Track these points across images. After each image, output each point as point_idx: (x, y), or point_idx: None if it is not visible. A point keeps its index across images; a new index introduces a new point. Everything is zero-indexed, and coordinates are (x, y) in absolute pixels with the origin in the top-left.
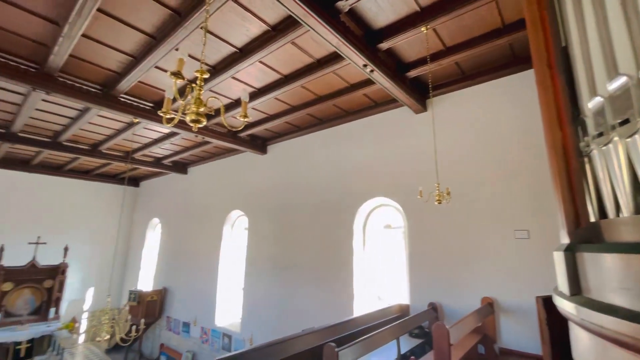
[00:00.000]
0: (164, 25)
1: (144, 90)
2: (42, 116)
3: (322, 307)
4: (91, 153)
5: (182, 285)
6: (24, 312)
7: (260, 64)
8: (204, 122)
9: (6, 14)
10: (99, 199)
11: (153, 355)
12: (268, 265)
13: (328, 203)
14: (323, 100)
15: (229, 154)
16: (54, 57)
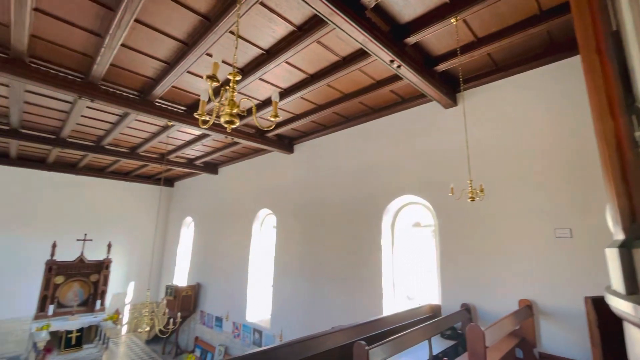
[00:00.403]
0: (194, 31)
1: (177, 95)
2: (86, 122)
3: (350, 306)
4: (130, 155)
5: (214, 281)
6: (74, 304)
7: (287, 65)
8: (237, 122)
9: (56, 29)
10: (137, 198)
11: (188, 347)
12: (296, 263)
13: (355, 201)
14: (349, 98)
15: (257, 154)
16: (97, 66)
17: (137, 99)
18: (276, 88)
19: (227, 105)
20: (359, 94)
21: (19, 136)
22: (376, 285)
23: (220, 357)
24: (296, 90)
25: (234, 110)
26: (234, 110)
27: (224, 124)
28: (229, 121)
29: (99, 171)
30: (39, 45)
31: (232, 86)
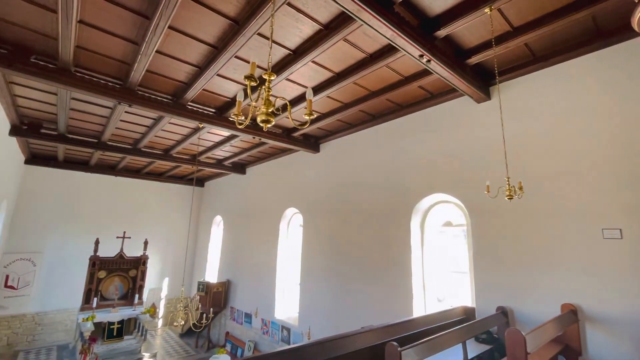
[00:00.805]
0: (224, 35)
1: (207, 97)
2: (124, 126)
3: (379, 306)
4: (164, 157)
5: (243, 278)
6: (115, 297)
7: (313, 64)
8: (273, 121)
9: (97, 39)
10: (171, 198)
11: (220, 342)
12: (323, 262)
13: (383, 200)
14: (376, 96)
15: (283, 153)
16: (134, 73)
17: (171, 103)
18: (302, 88)
19: (263, 104)
20: (386, 90)
21: (65, 140)
22: (405, 285)
23: (249, 352)
24: (322, 89)
25: (269, 109)
26: (269, 110)
27: (260, 124)
28: (265, 120)
29: (135, 172)
30: (83, 55)
31: (267, 86)
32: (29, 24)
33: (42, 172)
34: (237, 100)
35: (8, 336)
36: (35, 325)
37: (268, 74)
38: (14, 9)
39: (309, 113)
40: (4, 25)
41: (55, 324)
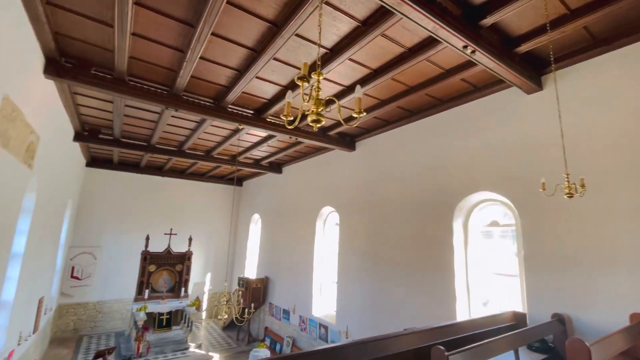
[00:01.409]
0: (262, 38)
1: (246, 100)
2: (171, 129)
3: (419, 307)
4: (206, 158)
5: (281, 275)
6: (164, 290)
7: (350, 61)
8: (323, 121)
9: (148, 49)
10: (212, 197)
11: (259, 336)
12: (360, 261)
13: (423, 199)
14: (415, 91)
15: (319, 152)
16: (180, 79)
17: (213, 106)
18: (339, 86)
19: (313, 104)
20: (425, 85)
21: (119, 144)
22: (448, 287)
23: (288, 348)
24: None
25: (319, 109)
26: (319, 109)
27: (310, 124)
28: (315, 120)
29: (180, 173)
30: (135, 65)
31: (316, 86)
32: (89, 39)
33: (100, 173)
34: (287, 101)
35: (74, 322)
36: (96, 312)
37: (317, 73)
38: (78, 26)
39: (359, 111)
40: (70, 41)
41: (113, 313)
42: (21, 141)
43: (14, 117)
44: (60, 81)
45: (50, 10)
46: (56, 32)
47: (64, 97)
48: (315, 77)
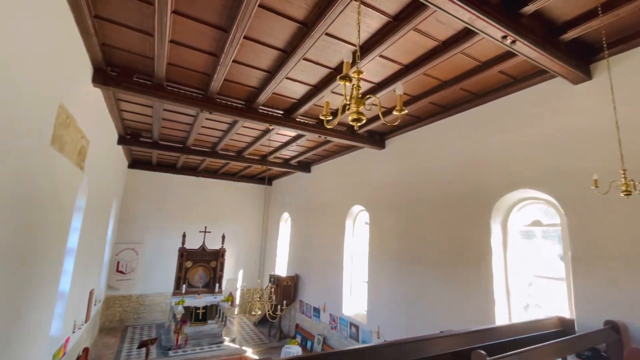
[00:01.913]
0: (292, 39)
1: (276, 100)
2: (204, 131)
3: (455, 310)
4: (237, 158)
5: (311, 273)
6: (199, 285)
7: (380, 58)
8: (364, 120)
9: (184, 55)
10: (243, 196)
11: (290, 333)
12: (391, 261)
13: (457, 198)
14: (448, 86)
15: (348, 151)
16: (214, 82)
17: (244, 108)
18: (369, 83)
19: (354, 103)
20: (460, 79)
21: (158, 147)
22: (486, 290)
23: (319, 345)
24: (390, 84)
25: (360, 107)
26: (360, 108)
27: (351, 122)
28: (356, 119)
29: (213, 173)
30: (173, 71)
31: (356, 85)
32: (132, 48)
33: (141, 174)
34: (326, 102)
35: (120, 313)
36: (139, 305)
37: (357, 71)
38: (122, 37)
39: (400, 108)
40: (115, 51)
41: (154, 305)
42: (74, 146)
43: (68, 123)
44: (107, 89)
45: (98, 23)
46: (103, 44)
47: (110, 103)
48: (355, 76)
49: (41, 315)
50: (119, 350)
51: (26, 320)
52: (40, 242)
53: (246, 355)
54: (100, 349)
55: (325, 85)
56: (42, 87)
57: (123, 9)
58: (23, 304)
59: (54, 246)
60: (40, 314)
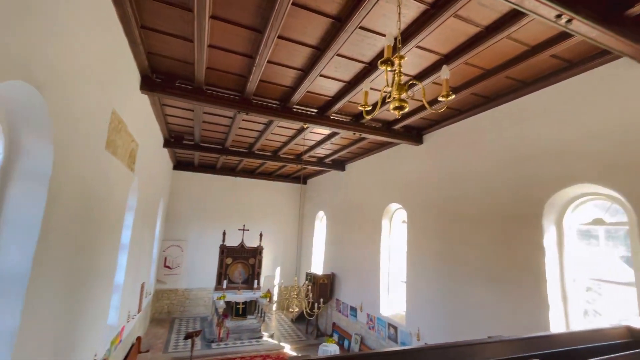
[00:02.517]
0: (326, 35)
1: (310, 99)
2: (242, 132)
3: (503, 314)
4: (273, 158)
5: (347, 272)
6: (239, 281)
7: (417, 49)
8: (407, 107)
9: (222, 58)
10: (279, 195)
11: (327, 331)
12: (431, 261)
13: (504, 194)
14: (492, 74)
15: (383, 147)
16: (249, 84)
17: (279, 107)
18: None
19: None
20: (505, 67)
21: (199, 148)
22: (539, 294)
23: (357, 345)
24: (427, 76)
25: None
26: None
27: (392, 111)
28: (398, 107)
29: (250, 173)
30: (211, 74)
31: (398, 70)
32: (174, 55)
33: (184, 175)
34: (364, 91)
35: (168, 305)
36: (184, 299)
37: (398, 56)
38: (165, 44)
39: (446, 94)
40: (160, 59)
41: (197, 299)
42: (125, 149)
43: (119, 128)
44: (152, 95)
45: (144, 33)
46: (149, 52)
47: (155, 108)
48: (397, 61)
49: (100, 304)
50: (168, 340)
51: (88, 309)
52: (98, 237)
53: (284, 351)
54: (151, 339)
55: (360, 81)
56: (97, 95)
57: (165, 18)
58: (85, 294)
59: (109, 241)
60: (99, 304)
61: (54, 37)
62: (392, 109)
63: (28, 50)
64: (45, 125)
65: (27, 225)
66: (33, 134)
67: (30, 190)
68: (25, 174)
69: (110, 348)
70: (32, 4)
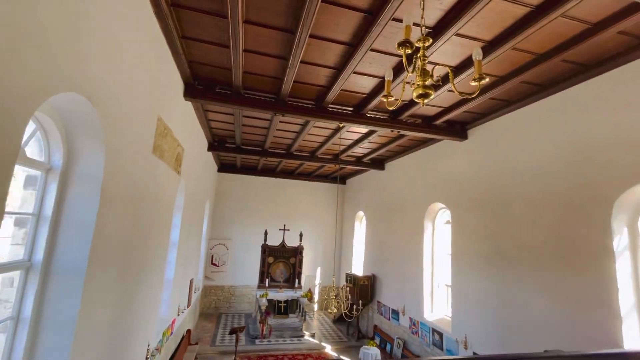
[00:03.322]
0: (358, 30)
1: (345, 97)
2: (279, 134)
3: (563, 325)
4: (310, 158)
5: (388, 274)
6: (280, 280)
7: (457, 37)
8: (432, 95)
9: (257, 62)
10: (318, 195)
11: (368, 333)
12: (479, 264)
13: (561, 193)
14: (546, 59)
15: (424, 145)
16: (284, 85)
17: (314, 108)
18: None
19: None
20: (561, 49)
21: (240, 151)
22: (609, 304)
23: (399, 350)
24: (469, 66)
25: (427, 81)
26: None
27: (416, 100)
28: (422, 95)
29: (289, 174)
30: (248, 79)
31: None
32: (213, 62)
33: (228, 177)
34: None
35: (215, 301)
36: (230, 295)
37: (422, 39)
38: (204, 52)
39: (478, 76)
40: (200, 66)
41: (242, 296)
42: (172, 153)
43: (165, 133)
44: (195, 101)
45: (185, 43)
46: (190, 61)
47: (199, 114)
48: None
49: (152, 298)
50: (215, 334)
51: (141, 301)
52: (149, 235)
53: (326, 352)
54: (200, 332)
55: (396, 76)
56: (143, 103)
57: (203, 26)
58: (138, 288)
59: (160, 239)
60: (151, 297)
61: (102, 51)
62: (415, 97)
63: (79, 64)
64: (96, 132)
65: (83, 224)
66: (86, 141)
67: (85, 192)
68: (81, 178)
69: (162, 339)
70: (84, 20)
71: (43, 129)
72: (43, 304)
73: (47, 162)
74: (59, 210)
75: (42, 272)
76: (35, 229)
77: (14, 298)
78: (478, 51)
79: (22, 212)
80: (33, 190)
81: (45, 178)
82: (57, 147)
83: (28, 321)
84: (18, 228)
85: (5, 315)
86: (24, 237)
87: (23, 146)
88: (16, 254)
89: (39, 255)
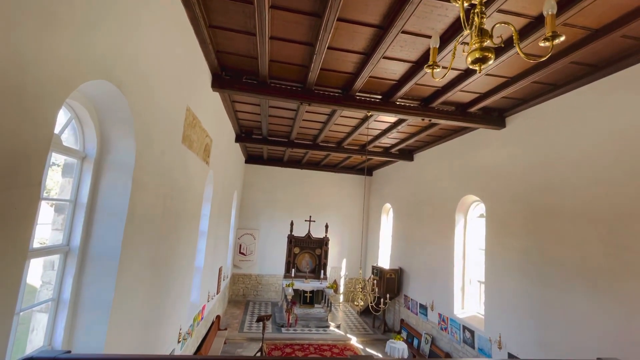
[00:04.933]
0: (389, 10)
1: (373, 84)
2: (305, 124)
3: (613, 330)
4: (337, 149)
5: (416, 268)
6: (306, 270)
7: (498, 13)
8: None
9: (283, 49)
10: (344, 187)
11: (395, 327)
12: (516, 261)
13: (615, 185)
14: (602, 35)
15: (457, 134)
16: (311, 73)
17: (341, 96)
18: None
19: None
20: (621, 23)
21: (267, 142)
22: None
23: (427, 345)
24: (511, 46)
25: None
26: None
27: (471, 66)
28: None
29: (315, 165)
30: (274, 67)
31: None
32: (240, 50)
33: (255, 168)
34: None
35: (243, 289)
36: (257, 284)
37: None
38: (231, 41)
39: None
40: (227, 56)
41: (269, 285)
42: (200, 143)
43: (194, 124)
44: (223, 92)
45: (212, 32)
46: (217, 51)
47: (226, 105)
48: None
49: (183, 284)
50: (243, 321)
51: (173, 287)
52: (179, 224)
53: (351, 343)
54: (228, 318)
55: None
56: (172, 93)
57: (229, 14)
58: (169, 274)
59: (190, 228)
60: (182, 283)
61: (132, 39)
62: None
63: (109, 52)
64: (127, 121)
65: (116, 211)
66: (118, 129)
67: (118, 180)
68: (113, 166)
69: (193, 324)
70: (112, 8)
71: (78, 118)
72: (81, 286)
73: (82, 151)
74: (93, 197)
75: (79, 256)
76: (73, 215)
77: (54, 281)
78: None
79: (59, 198)
80: (70, 178)
81: (80, 166)
82: (91, 136)
83: (67, 302)
84: (57, 214)
85: (47, 297)
86: (63, 222)
87: (59, 134)
88: (56, 239)
89: (76, 241)
